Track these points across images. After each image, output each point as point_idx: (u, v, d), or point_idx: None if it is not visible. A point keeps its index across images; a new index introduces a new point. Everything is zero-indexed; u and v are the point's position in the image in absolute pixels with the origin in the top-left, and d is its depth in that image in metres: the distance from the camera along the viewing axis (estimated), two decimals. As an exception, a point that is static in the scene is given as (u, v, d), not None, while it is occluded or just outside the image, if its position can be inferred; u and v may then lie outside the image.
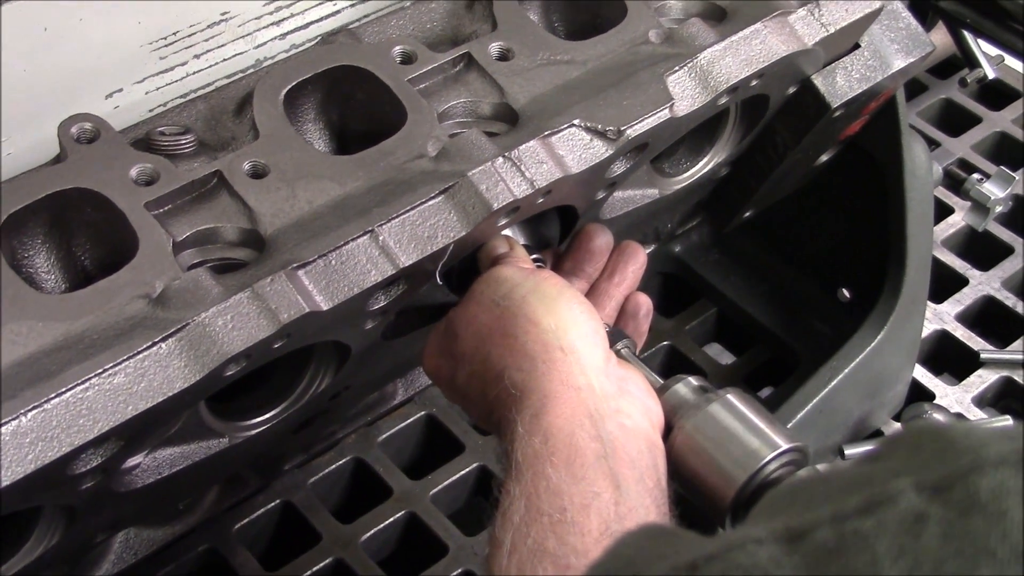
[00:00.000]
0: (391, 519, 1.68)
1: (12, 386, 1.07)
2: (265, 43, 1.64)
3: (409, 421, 1.78)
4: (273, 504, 1.67)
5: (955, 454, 0.69)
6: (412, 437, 1.80)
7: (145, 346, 1.11)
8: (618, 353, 1.30)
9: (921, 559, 0.65)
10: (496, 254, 1.36)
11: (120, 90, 1.54)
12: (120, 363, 1.10)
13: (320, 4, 1.67)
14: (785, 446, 1.22)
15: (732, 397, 1.26)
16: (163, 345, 1.12)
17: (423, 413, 1.79)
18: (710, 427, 1.24)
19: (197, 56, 1.59)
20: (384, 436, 1.76)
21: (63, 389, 1.07)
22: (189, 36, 1.57)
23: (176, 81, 1.58)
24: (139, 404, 1.10)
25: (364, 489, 1.72)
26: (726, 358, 2.03)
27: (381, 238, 1.22)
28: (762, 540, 0.69)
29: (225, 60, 1.61)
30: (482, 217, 1.26)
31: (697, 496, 1.25)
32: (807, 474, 1.21)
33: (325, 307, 1.19)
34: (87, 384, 1.08)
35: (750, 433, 1.23)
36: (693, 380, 1.29)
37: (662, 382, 1.30)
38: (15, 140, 1.45)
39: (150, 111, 1.55)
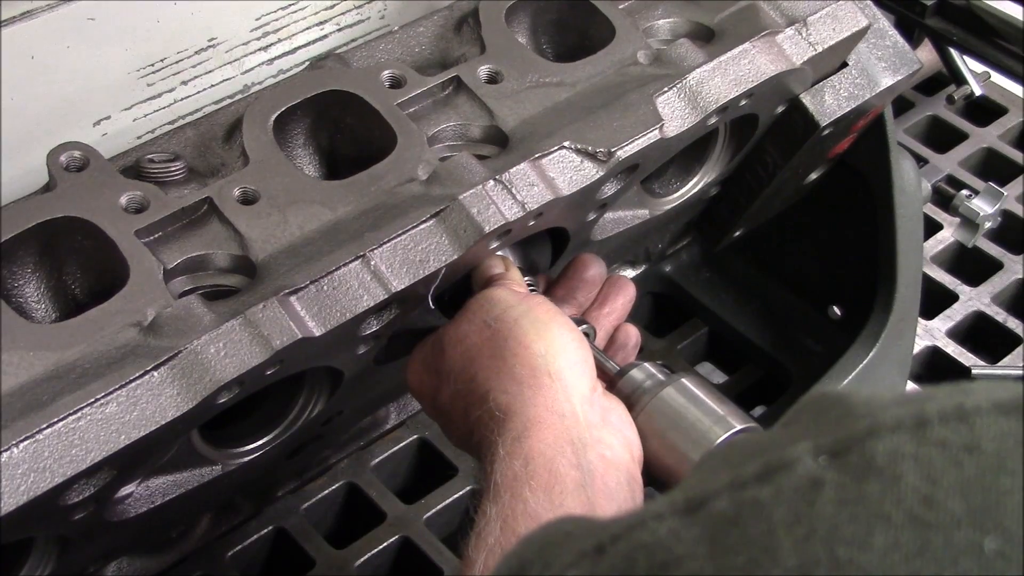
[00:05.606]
0: (385, 544, 1.67)
1: (4, 416, 1.06)
2: (253, 68, 1.65)
3: (402, 445, 1.77)
4: (266, 530, 1.66)
5: (853, 419, 0.67)
6: (405, 461, 1.79)
7: (137, 375, 1.10)
8: None
9: (816, 525, 0.63)
10: (491, 274, 1.35)
11: (108, 117, 1.54)
12: (112, 392, 1.09)
13: (307, 29, 1.67)
14: (739, 426, 1.23)
15: (686, 380, 1.27)
16: (155, 373, 1.11)
17: (416, 437, 1.78)
18: (665, 410, 1.25)
19: (185, 82, 1.59)
20: (377, 460, 1.75)
21: (55, 419, 1.06)
22: (176, 62, 1.58)
23: (164, 107, 1.58)
24: (132, 433, 1.09)
25: (357, 514, 1.71)
26: (718, 377, 2.02)
27: (373, 263, 1.22)
28: (662, 515, 0.67)
29: (213, 86, 1.62)
30: (474, 240, 1.26)
31: (655, 479, 1.26)
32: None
33: (318, 333, 1.18)
34: (79, 414, 1.07)
35: (704, 415, 1.24)
36: (649, 365, 1.30)
37: (619, 368, 1.30)
38: (3, 169, 1.45)
39: (138, 138, 1.55)
